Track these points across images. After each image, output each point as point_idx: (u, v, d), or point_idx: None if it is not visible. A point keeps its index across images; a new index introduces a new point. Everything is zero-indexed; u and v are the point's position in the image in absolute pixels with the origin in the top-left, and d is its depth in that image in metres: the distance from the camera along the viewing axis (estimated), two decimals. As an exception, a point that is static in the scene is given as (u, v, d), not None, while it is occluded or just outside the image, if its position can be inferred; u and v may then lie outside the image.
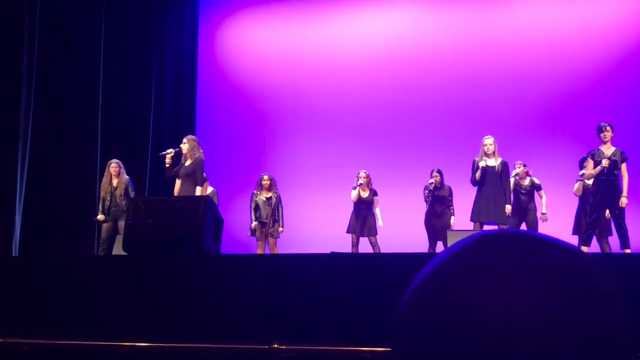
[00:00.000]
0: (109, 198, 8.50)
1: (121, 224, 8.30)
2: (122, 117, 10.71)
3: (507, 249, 0.53)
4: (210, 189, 9.11)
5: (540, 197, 8.63)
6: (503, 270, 0.51)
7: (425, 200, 8.89)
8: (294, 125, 11.70)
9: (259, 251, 9.16)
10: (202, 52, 12.11)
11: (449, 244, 6.73)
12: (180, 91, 11.82)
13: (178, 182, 8.08)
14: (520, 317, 0.48)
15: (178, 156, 7.99)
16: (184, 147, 7.92)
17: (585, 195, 8.17)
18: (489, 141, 8.06)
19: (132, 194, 8.47)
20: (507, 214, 7.91)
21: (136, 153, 10.64)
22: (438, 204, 8.83)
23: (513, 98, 10.76)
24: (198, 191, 7.71)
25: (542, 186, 8.68)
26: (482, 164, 7.94)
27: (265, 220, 9.15)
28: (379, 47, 11.42)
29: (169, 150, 7.99)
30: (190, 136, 8.12)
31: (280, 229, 9.18)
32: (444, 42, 11.21)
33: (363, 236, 9.06)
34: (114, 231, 8.41)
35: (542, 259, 0.52)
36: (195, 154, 7.90)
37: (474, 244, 0.55)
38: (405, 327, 0.54)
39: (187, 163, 7.88)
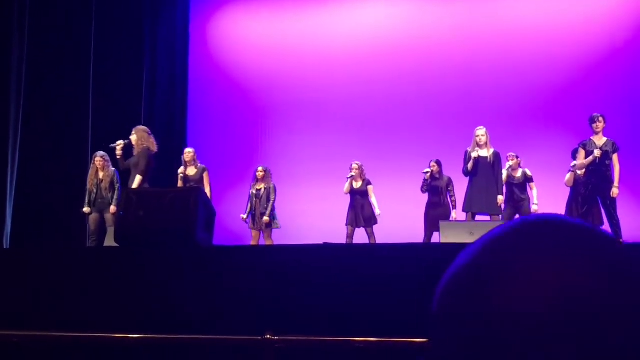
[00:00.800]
0: (95, 190, 8.49)
1: (108, 216, 8.32)
2: (113, 111, 10.66)
3: (547, 235, 0.52)
4: (200, 167, 9.10)
5: (531, 189, 8.64)
6: (542, 257, 0.50)
7: (421, 190, 8.86)
8: (288, 117, 11.67)
9: (253, 242, 9.18)
10: (194, 45, 12.06)
11: (443, 235, 6.75)
12: (173, 84, 11.77)
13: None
14: (559, 305, 0.47)
15: (129, 147, 7.98)
16: (133, 138, 7.95)
17: (576, 186, 8.20)
18: (481, 132, 8.07)
19: (117, 186, 8.46)
20: (499, 204, 7.93)
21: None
22: (434, 194, 8.81)
23: (506, 89, 10.77)
24: (137, 180, 7.68)
25: (535, 177, 8.69)
26: (474, 154, 7.95)
27: (254, 212, 9.19)
28: (373, 38, 11.40)
29: (119, 142, 8.01)
30: (139, 127, 8.13)
31: (266, 218, 9.14)
32: (438, 33, 11.20)
33: (360, 227, 9.06)
34: (102, 223, 8.41)
35: (581, 246, 0.51)
36: (143, 144, 7.91)
37: (512, 231, 0.54)
38: (442, 319, 0.53)
39: (137, 154, 7.93)
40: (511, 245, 0.52)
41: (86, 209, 8.50)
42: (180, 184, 8.79)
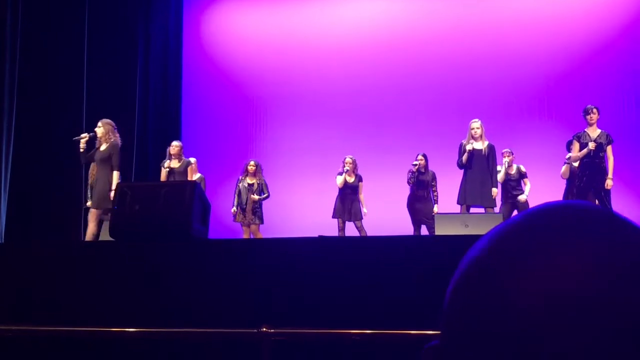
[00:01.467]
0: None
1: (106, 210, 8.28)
2: (107, 105, 10.61)
3: (571, 221, 0.50)
4: (197, 175, 9.11)
5: (525, 184, 8.66)
6: (557, 247, 0.48)
7: (408, 182, 8.87)
8: (281, 111, 11.67)
9: (245, 236, 9.18)
10: (187, 38, 12.03)
11: (437, 227, 6.76)
12: (166, 77, 11.74)
13: (93, 167, 8.22)
14: (583, 294, 0.46)
15: (92, 140, 7.96)
16: (99, 130, 7.92)
17: (572, 178, 8.23)
18: (476, 124, 8.08)
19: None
20: (493, 196, 7.95)
21: (121, 139, 10.55)
22: (421, 188, 8.84)
23: (500, 82, 10.78)
24: (115, 176, 7.72)
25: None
26: (468, 147, 7.96)
27: (245, 206, 9.19)
28: (366, 32, 11.39)
29: (83, 135, 7.97)
30: (105, 120, 8.08)
31: (254, 197, 9.21)
32: (432, 29, 11.20)
33: (349, 221, 9.08)
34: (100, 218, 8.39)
35: (610, 234, 0.49)
36: (111, 138, 7.91)
37: (519, 221, 0.53)
38: (457, 309, 0.52)
39: (103, 147, 7.90)
40: (530, 235, 0.50)
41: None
42: (163, 176, 8.74)
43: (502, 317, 0.47)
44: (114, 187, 7.70)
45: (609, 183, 7.42)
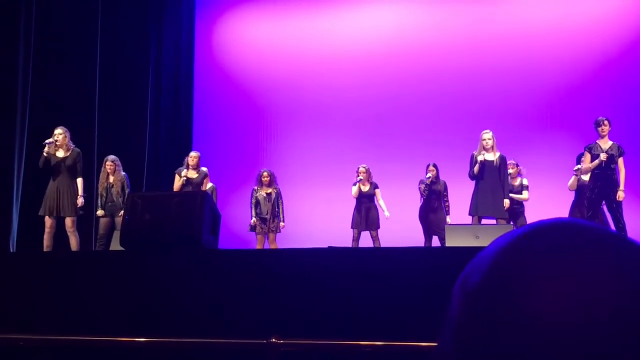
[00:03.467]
0: (105, 194, 8.56)
1: (118, 219, 8.33)
2: (119, 114, 10.69)
3: (564, 239, 0.50)
4: (209, 185, 9.13)
5: (521, 193, 8.64)
6: (560, 263, 0.48)
7: (422, 194, 8.84)
8: (293, 120, 11.68)
9: (259, 246, 9.16)
10: (199, 46, 12.09)
11: (448, 238, 6.74)
12: (178, 86, 11.80)
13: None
14: (577, 315, 0.46)
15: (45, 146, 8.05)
16: (60, 137, 7.99)
17: (580, 190, 8.19)
18: (487, 135, 8.06)
19: (127, 190, 8.50)
20: (505, 207, 7.93)
21: (133, 149, 10.61)
22: (434, 198, 8.81)
23: (511, 92, 10.76)
24: (80, 183, 8.00)
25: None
26: (480, 158, 7.95)
27: (266, 216, 9.16)
28: (377, 41, 11.40)
29: (51, 140, 8.04)
30: (63, 127, 8.18)
31: (282, 224, 9.22)
32: (442, 37, 11.20)
33: (365, 230, 9.05)
34: (112, 227, 8.45)
35: (601, 251, 0.49)
36: (71, 146, 8.08)
37: (527, 235, 0.53)
38: (455, 327, 0.51)
39: (63, 155, 8.02)
40: (535, 252, 0.50)
41: (100, 212, 8.56)
42: (178, 185, 8.76)
43: (514, 332, 0.47)
44: (80, 192, 7.93)
45: (620, 195, 7.37)
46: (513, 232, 0.54)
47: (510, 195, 8.35)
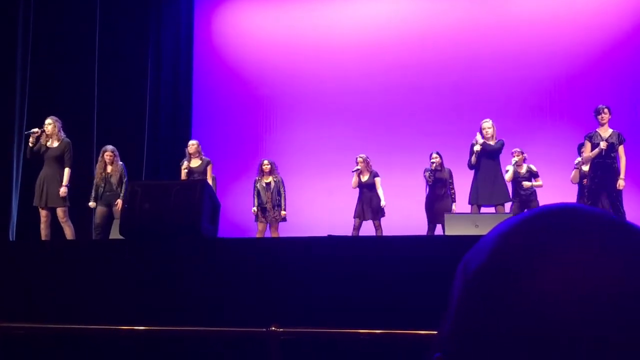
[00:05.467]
0: (103, 184, 8.51)
1: (116, 209, 8.33)
2: (118, 104, 10.66)
3: (566, 223, 0.50)
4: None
5: (529, 180, 8.57)
6: (563, 248, 0.48)
7: (427, 182, 8.82)
8: (292, 109, 11.66)
9: (259, 235, 9.18)
10: (199, 37, 12.05)
11: (447, 227, 6.74)
12: (177, 78, 11.77)
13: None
14: (578, 299, 0.46)
15: (38, 136, 8.03)
16: (50, 127, 7.94)
17: (582, 180, 8.20)
18: (487, 124, 8.06)
19: (125, 180, 8.48)
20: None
21: (133, 139, 10.60)
22: (439, 186, 8.79)
23: (511, 82, 10.74)
24: (67, 173, 7.95)
25: (541, 171, 8.63)
26: (476, 148, 7.95)
27: (266, 206, 9.19)
28: (378, 30, 11.36)
29: (34, 130, 8.01)
30: (54, 117, 8.14)
31: (283, 212, 9.22)
32: (444, 25, 11.16)
33: (368, 219, 9.05)
34: (109, 216, 8.43)
35: (604, 236, 0.49)
36: (62, 136, 8.02)
37: (529, 219, 0.52)
38: (455, 311, 0.51)
39: (55, 144, 7.98)
40: (536, 236, 0.50)
41: (92, 204, 8.52)
42: (184, 176, 8.79)
43: (514, 316, 0.47)
44: (65, 182, 7.88)
45: (620, 183, 7.37)
46: (516, 216, 0.54)
47: (525, 183, 8.34)
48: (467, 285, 0.52)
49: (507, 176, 8.28)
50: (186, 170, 8.78)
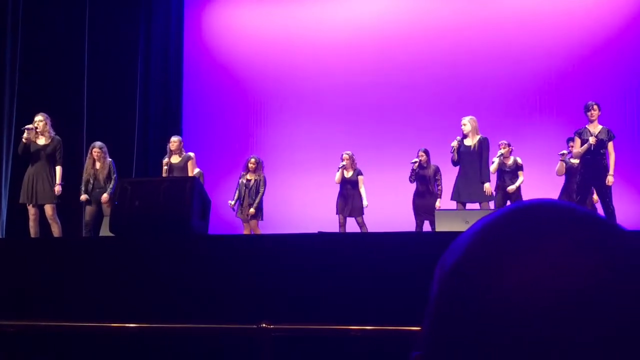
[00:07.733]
0: (92, 181, 8.46)
1: (104, 206, 8.29)
2: (107, 100, 10.63)
3: (540, 219, 0.50)
4: (196, 170, 9.11)
5: (518, 177, 8.62)
6: (535, 243, 0.48)
7: (409, 179, 8.90)
8: (281, 106, 11.66)
9: (246, 232, 9.20)
10: (189, 32, 12.01)
11: (437, 224, 6.77)
12: (167, 73, 11.74)
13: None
14: (550, 294, 0.46)
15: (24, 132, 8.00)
16: (41, 124, 7.91)
17: (569, 174, 8.24)
18: (463, 121, 8.14)
19: (114, 177, 8.45)
20: (485, 191, 7.93)
21: (122, 135, 10.57)
22: (421, 183, 8.85)
23: (501, 78, 10.77)
24: (59, 171, 7.92)
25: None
26: (453, 144, 8.02)
27: (242, 202, 9.23)
28: (366, 27, 11.37)
29: (30, 126, 7.97)
30: (44, 113, 8.09)
31: (252, 210, 9.16)
32: (431, 23, 11.18)
33: (350, 217, 9.08)
34: (98, 213, 8.40)
35: (576, 230, 0.49)
36: (52, 133, 7.99)
37: (503, 216, 0.53)
38: (443, 312, 0.51)
39: (43, 142, 7.96)
40: (510, 232, 0.50)
41: (83, 197, 8.47)
42: (164, 173, 8.74)
43: (487, 312, 0.47)
44: (58, 181, 7.81)
45: (609, 179, 7.40)
46: (491, 214, 0.54)
47: (510, 188, 8.39)
48: (442, 282, 0.52)
49: (492, 167, 8.30)
50: (166, 167, 8.73)
